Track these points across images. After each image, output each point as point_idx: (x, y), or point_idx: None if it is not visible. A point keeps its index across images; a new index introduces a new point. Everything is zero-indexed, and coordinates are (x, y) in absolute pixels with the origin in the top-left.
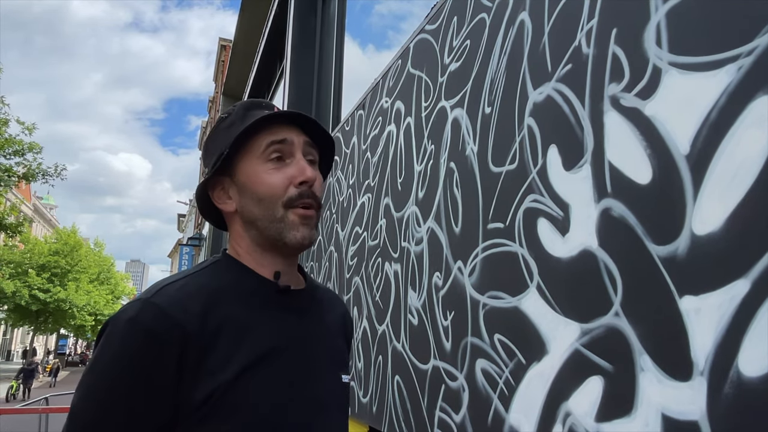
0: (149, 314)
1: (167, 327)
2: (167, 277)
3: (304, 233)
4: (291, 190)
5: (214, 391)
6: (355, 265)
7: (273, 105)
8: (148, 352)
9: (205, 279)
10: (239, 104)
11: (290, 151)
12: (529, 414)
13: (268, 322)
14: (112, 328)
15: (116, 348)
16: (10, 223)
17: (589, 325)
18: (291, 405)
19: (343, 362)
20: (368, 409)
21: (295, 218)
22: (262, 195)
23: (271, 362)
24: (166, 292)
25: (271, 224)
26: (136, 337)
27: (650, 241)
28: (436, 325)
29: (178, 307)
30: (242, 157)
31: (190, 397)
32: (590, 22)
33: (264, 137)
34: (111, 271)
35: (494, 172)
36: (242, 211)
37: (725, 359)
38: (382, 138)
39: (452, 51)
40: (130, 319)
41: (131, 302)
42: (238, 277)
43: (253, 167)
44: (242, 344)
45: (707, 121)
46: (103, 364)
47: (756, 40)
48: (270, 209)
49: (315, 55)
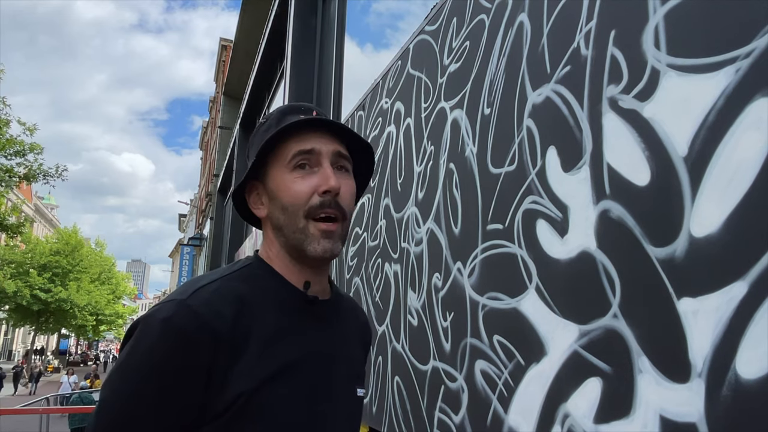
0: (184, 316)
1: (201, 330)
2: (200, 277)
3: (325, 246)
4: (314, 198)
5: (236, 399)
6: (355, 265)
7: (312, 108)
8: (181, 353)
9: (237, 282)
10: (277, 109)
11: (317, 160)
12: (528, 415)
13: (293, 333)
14: (145, 327)
15: (149, 347)
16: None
17: (587, 327)
18: (305, 419)
19: (359, 375)
20: (368, 409)
21: (316, 231)
22: (286, 203)
23: (292, 375)
24: (201, 295)
25: (293, 234)
26: (169, 338)
27: (648, 242)
28: (435, 326)
29: (211, 311)
30: (272, 165)
31: (215, 402)
32: (589, 24)
33: (292, 145)
34: (112, 271)
35: (493, 173)
36: (271, 217)
37: (723, 361)
38: (381, 139)
39: (452, 52)
40: (164, 320)
41: (165, 302)
42: (269, 284)
43: (281, 175)
44: (266, 354)
45: (705, 123)
46: (135, 362)
47: (753, 42)
48: (293, 218)
49: (315, 55)
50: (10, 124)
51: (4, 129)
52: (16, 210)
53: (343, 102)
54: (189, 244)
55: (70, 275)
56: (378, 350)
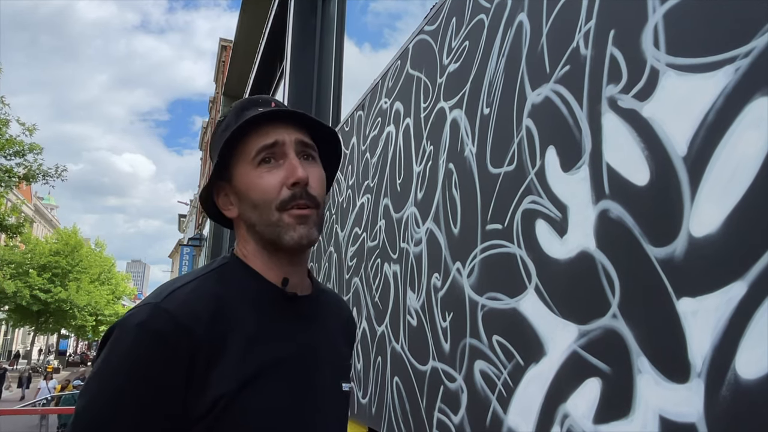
0: (159, 319)
1: (177, 333)
2: (175, 279)
3: (301, 233)
4: (284, 192)
5: (217, 402)
6: (355, 265)
7: (270, 100)
8: (158, 357)
9: (213, 282)
10: (235, 104)
11: (282, 152)
12: (528, 415)
13: (273, 332)
14: (120, 332)
15: (125, 352)
16: (11, 224)
17: (586, 327)
18: (290, 420)
19: (344, 370)
20: (367, 410)
21: (290, 219)
22: (257, 200)
23: (274, 374)
24: (176, 297)
25: (267, 228)
26: (146, 342)
27: (648, 242)
28: (434, 326)
29: (188, 313)
30: (236, 163)
31: (196, 405)
32: (588, 24)
33: (254, 141)
34: (112, 271)
35: (493, 173)
36: (243, 217)
37: (722, 361)
38: (381, 139)
39: (451, 52)
40: (139, 324)
41: (139, 306)
42: (246, 283)
43: (246, 173)
44: (247, 354)
45: (705, 123)
46: (111, 369)
47: (753, 41)
48: (265, 214)
49: (315, 55)
50: (9, 124)
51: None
52: (16, 210)
53: (342, 102)
54: (188, 245)
55: (69, 275)
56: (377, 351)
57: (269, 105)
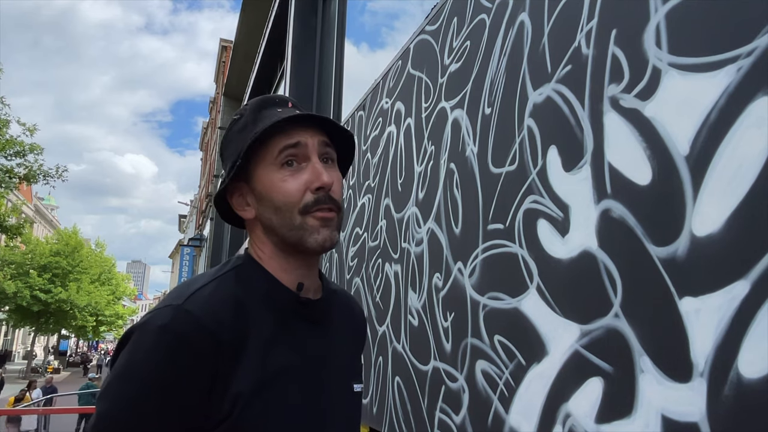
0: (183, 321)
1: (201, 335)
2: (192, 280)
3: (325, 235)
4: (307, 196)
5: (234, 405)
6: (356, 265)
7: (287, 99)
8: (182, 360)
9: (231, 284)
10: (251, 103)
11: (305, 154)
12: (529, 415)
13: (288, 337)
14: (142, 334)
15: (148, 355)
16: (11, 225)
17: (588, 327)
18: (305, 421)
19: (356, 370)
20: (368, 410)
21: (315, 222)
22: (279, 204)
23: (288, 379)
24: (198, 298)
25: (290, 231)
26: (170, 344)
27: (650, 242)
28: (436, 326)
29: (211, 315)
30: (257, 164)
31: (217, 407)
32: (590, 23)
33: (277, 141)
34: (112, 271)
35: (494, 173)
36: (261, 218)
37: (725, 360)
38: (382, 139)
39: (452, 52)
40: (163, 326)
41: (160, 308)
42: (261, 286)
43: (268, 175)
44: (263, 359)
45: (707, 122)
46: (134, 371)
47: (755, 41)
48: (288, 218)
49: (315, 55)
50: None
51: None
52: (16, 211)
53: (343, 102)
54: (189, 245)
55: (70, 276)
56: (378, 350)
57: (286, 104)
